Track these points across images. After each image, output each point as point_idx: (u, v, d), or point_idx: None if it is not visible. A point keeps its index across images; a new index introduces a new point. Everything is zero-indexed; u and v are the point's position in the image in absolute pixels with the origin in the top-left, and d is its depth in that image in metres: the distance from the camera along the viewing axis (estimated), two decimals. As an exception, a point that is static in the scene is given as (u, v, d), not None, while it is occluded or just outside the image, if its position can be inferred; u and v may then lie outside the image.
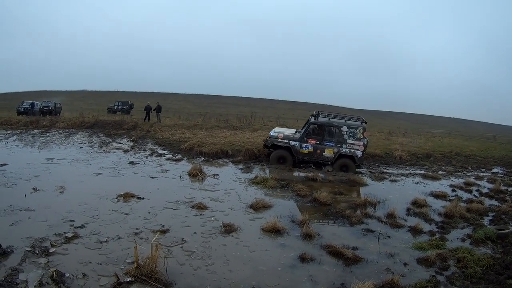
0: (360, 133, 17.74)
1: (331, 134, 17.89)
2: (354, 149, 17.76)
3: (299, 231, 9.93)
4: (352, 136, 17.70)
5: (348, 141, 17.73)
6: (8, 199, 10.98)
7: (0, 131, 26.47)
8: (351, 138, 17.71)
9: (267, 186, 14.20)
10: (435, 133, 43.06)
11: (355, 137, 17.72)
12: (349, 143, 17.74)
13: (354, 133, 17.70)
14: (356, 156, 17.82)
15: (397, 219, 11.37)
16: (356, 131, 17.72)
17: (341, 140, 17.76)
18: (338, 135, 17.80)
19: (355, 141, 17.74)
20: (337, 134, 17.81)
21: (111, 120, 32.98)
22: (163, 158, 18.89)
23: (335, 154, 17.80)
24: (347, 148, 17.76)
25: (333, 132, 17.88)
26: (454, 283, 7.71)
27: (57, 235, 8.75)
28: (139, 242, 8.16)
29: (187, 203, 11.76)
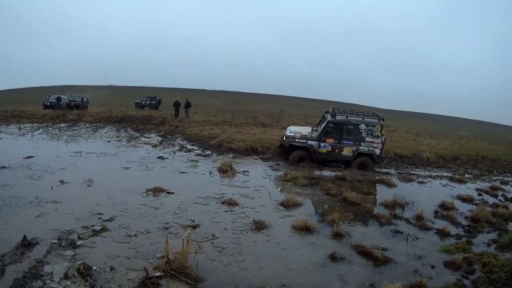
0: (378, 130, 17.56)
1: (349, 132, 17.64)
2: (373, 147, 17.61)
3: (329, 230, 9.89)
4: (370, 134, 17.52)
5: (367, 139, 17.56)
6: (34, 191, 11.08)
7: (26, 124, 26.83)
8: (369, 136, 17.54)
9: (297, 184, 14.14)
10: (462, 135, 42.21)
11: (373, 135, 17.55)
12: (367, 141, 17.57)
13: (372, 130, 17.52)
14: (375, 154, 17.70)
15: (425, 221, 11.32)
16: (374, 129, 17.55)
17: (359, 138, 17.57)
18: (356, 133, 17.58)
19: (373, 138, 17.58)
20: (355, 132, 17.59)
21: (139, 115, 33.22)
22: (192, 154, 18.90)
23: (354, 153, 17.65)
24: (365, 146, 17.59)
25: (351, 130, 17.63)
26: (479, 287, 7.66)
27: (85, 227, 8.76)
28: (169, 237, 8.06)
29: (217, 199, 11.71)
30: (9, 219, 8.96)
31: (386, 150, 21.79)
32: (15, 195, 10.62)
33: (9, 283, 6.27)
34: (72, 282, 6.51)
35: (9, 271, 6.70)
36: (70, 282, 6.49)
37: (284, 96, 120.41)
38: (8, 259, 7.08)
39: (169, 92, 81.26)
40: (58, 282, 6.46)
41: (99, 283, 6.56)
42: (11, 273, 6.60)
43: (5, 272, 6.65)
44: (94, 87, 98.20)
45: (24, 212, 9.52)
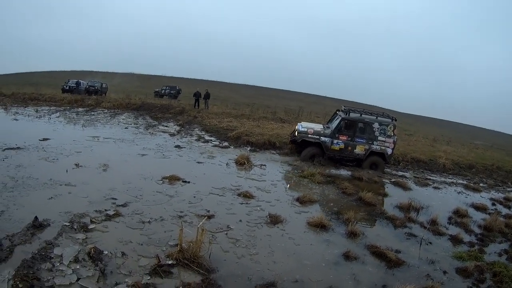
0: (391, 130, 17.38)
1: (363, 130, 17.53)
2: (385, 147, 17.48)
3: (344, 229, 9.86)
4: (383, 133, 17.35)
5: (379, 138, 17.42)
6: (48, 173, 11.06)
7: (43, 107, 26.95)
8: (382, 135, 17.39)
9: (314, 180, 14.07)
10: (478, 144, 41.75)
11: (386, 134, 17.40)
12: (380, 140, 17.43)
13: (385, 130, 17.36)
14: (387, 154, 17.57)
15: (439, 227, 11.30)
16: (387, 128, 17.37)
17: (372, 137, 17.44)
18: (369, 131, 17.46)
19: (386, 138, 17.44)
20: (368, 131, 17.47)
21: (157, 103, 33.24)
22: (210, 144, 18.85)
23: (366, 151, 17.51)
24: (378, 145, 17.45)
25: (365, 129, 17.53)
26: None
27: (98, 212, 8.73)
28: (183, 225, 8.00)
29: (233, 190, 11.65)
30: (22, 200, 8.94)
31: (403, 153, 21.93)
32: (29, 176, 10.61)
33: (17, 263, 6.23)
34: (81, 265, 6.47)
35: (17, 251, 6.68)
36: (79, 266, 6.44)
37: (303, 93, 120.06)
38: (17, 240, 7.06)
39: (188, 82, 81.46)
40: (67, 265, 6.42)
41: (110, 268, 6.51)
42: (19, 254, 6.58)
43: (14, 253, 6.62)
44: (114, 73, 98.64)
45: (37, 194, 9.51)
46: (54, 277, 6.08)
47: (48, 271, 6.22)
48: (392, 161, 19.19)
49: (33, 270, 6.13)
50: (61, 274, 6.18)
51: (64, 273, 6.22)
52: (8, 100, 28.53)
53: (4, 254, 6.50)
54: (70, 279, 6.09)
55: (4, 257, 6.41)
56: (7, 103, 26.95)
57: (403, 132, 40.49)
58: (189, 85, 58.70)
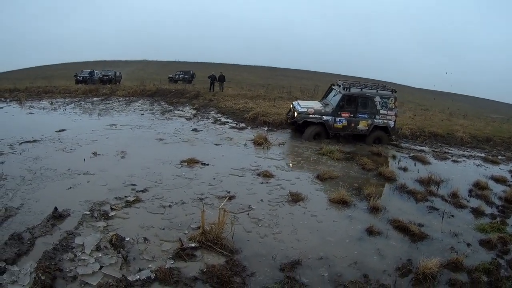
0: (392, 102, 17.16)
1: (365, 105, 17.09)
2: (387, 120, 17.17)
3: (366, 204, 9.80)
4: (385, 106, 17.08)
5: (381, 111, 17.08)
6: (66, 163, 11.10)
7: (58, 99, 26.95)
8: (384, 108, 17.08)
9: (333, 157, 14.00)
10: (494, 118, 40.92)
11: (388, 107, 17.11)
12: (382, 113, 17.09)
13: (386, 103, 17.07)
14: (390, 127, 17.30)
15: (460, 199, 11.26)
16: (388, 101, 17.09)
17: (374, 111, 17.08)
18: (371, 106, 17.07)
19: (387, 111, 17.13)
20: (370, 105, 17.07)
21: (172, 88, 33.05)
22: (226, 126, 18.70)
23: (369, 126, 17.13)
24: (380, 119, 17.11)
25: (366, 103, 17.09)
26: None
27: (118, 199, 8.72)
28: (205, 207, 7.90)
29: (252, 170, 11.57)
30: (40, 192, 9.01)
31: (421, 128, 21.65)
32: (47, 168, 10.66)
33: (39, 255, 6.26)
34: (104, 254, 6.47)
35: (39, 243, 6.72)
36: (102, 254, 6.45)
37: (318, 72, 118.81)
38: (38, 232, 7.09)
39: (202, 66, 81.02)
40: (89, 254, 6.42)
41: (132, 255, 6.49)
42: (41, 246, 6.62)
43: (35, 245, 6.67)
44: (127, 62, 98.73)
45: (56, 184, 9.55)
46: (77, 267, 6.10)
47: (70, 261, 6.24)
48: (396, 134, 18.77)
49: (55, 261, 6.16)
50: (84, 263, 6.20)
51: (86, 262, 6.23)
52: (23, 94, 28.39)
53: (25, 247, 6.52)
54: (93, 268, 6.10)
55: (25, 250, 6.44)
56: (22, 97, 26.92)
57: (419, 107, 40.21)
58: (203, 69, 58.43)
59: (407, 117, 26.25)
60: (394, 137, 18.16)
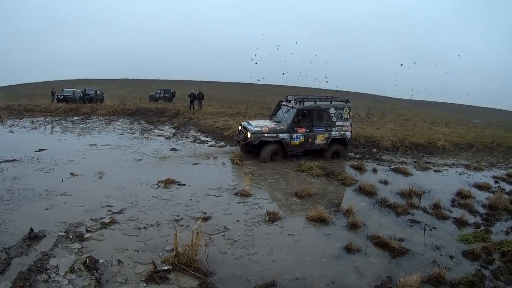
0: (347, 112, 16.93)
1: (320, 118, 16.53)
2: (344, 131, 16.90)
3: (345, 221, 9.69)
4: (340, 118, 16.77)
5: (337, 123, 16.72)
6: (44, 184, 11.03)
7: (39, 118, 26.86)
8: (339, 119, 16.75)
9: (312, 174, 13.93)
10: (476, 123, 41.50)
11: (343, 118, 16.83)
12: (338, 125, 16.74)
13: (341, 113, 16.78)
14: (347, 138, 17.10)
15: (442, 210, 11.16)
16: (343, 111, 16.83)
17: (330, 124, 16.64)
18: (326, 118, 16.59)
19: (343, 122, 16.85)
20: (325, 118, 16.59)
21: (152, 107, 33.12)
22: (205, 145, 18.75)
23: (327, 140, 16.67)
24: (337, 131, 16.75)
25: (321, 116, 16.56)
26: (499, 277, 7.53)
27: (93, 220, 8.64)
28: (180, 230, 7.95)
29: (230, 190, 11.52)
30: (18, 212, 8.92)
31: (402, 139, 21.71)
32: (25, 188, 10.57)
33: (14, 276, 6.18)
34: (77, 275, 6.39)
35: (14, 263, 6.63)
36: (75, 276, 6.36)
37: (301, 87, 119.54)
38: (14, 252, 6.99)
39: (183, 84, 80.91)
40: (63, 276, 6.34)
41: (106, 277, 6.41)
42: (16, 266, 6.53)
43: (11, 265, 6.57)
44: (107, 80, 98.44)
45: (33, 205, 9.47)
46: (50, 288, 6.01)
47: (44, 282, 6.16)
48: (351, 145, 18.66)
49: (29, 282, 6.09)
50: (57, 285, 6.12)
51: (60, 284, 6.15)
52: (4, 112, 28.42)
53: (0, 267, 6.43)
54: (66, 289, 6.02)
55: (0, 270, 6.35)
56: (3, 115, 26.86)
57: (400, 118, 40.47)
58: (184, 87, 58.42)
59: (388, 129, 26.46)
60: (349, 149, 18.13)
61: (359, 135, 21.92)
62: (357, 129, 24.05)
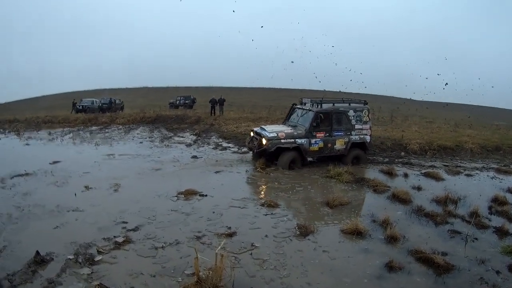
0: (366, 115, 15.91)
1: (339, 122, 15.48)
2: (363, 135, 15.90)
3: (382, 233, 8.68)
4: (359, 120, 15.76)
5: (356, 126, 15.70)
6: (56, 199, 10.19)
7: (57, 129, 26.38)
8: (359, 122, 15.74)
9: (342, 180, 12.99)
10: (499, 125, 40.31)
11: (362, 121, 15.81)
12: (357, 128, 15.72)
13: (360, 116, 15.77)
14: (367, 142, 16.07)
15: (481, 219, 10.08)
16: (362, 114, 15.81)
17: (349, 127, 15.61)
18: (345, 122, 15.56)
19: (362, 125, 15.84)
20: (344, 121, 15.55)
21: (173, 114, 32.76)
22: (228, 152, 17.96)
23: (347, 144, 15.63)
24: (356, 135, 15.74)
25: (341, 120, 15.51)
26: None
27: (106, 239, 7.70)
28: (202, 249, 6.97)
29: (255, 200, 10.55)
30: (26, 232, 8.06)
31: (429, 142, 20.90)
32: (35, 204, 9.76)
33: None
34: (85, 308, 5.47)
35: (18, 293, 5.77)
36: (83, 309, 5.45)
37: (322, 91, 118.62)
38: (18, 279, 6.12)
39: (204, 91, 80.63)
40: (69, 309, 5.44)
41: (117, 310, 5.47)
42: (20, 296, 5.66)
43: (14, 294, 5.71)
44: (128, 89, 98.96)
45: (42, 223, 8.60)
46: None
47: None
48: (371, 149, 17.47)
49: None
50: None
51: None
52: (22, 125, 28.03)
53: (3, 298, 5.61)
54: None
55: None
56: (20, 128, 26.43)
57: (423, 120, 39.50)
58: (204, 94, 57.91)
59: (413, 131, 25.63)
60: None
61: (386, 138, 21.18)
62: (383, 132, 23.40)
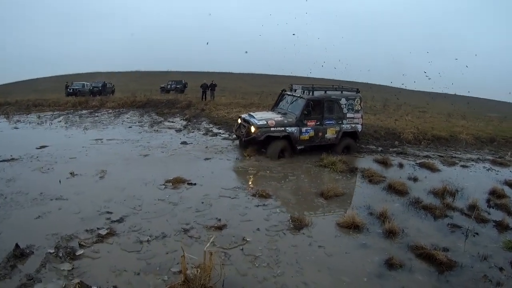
0: (358, 103, 15.43)
1: (331, 110, 14.85)
2: (355, 123, 15.40)
3: (380, 227, 8.29)
4: (351, 109, 15.27)
5: (348, 115, 15.18)
6: (40, 186, 9.71)
7: (47, 113, 25.80)
8: (350, 111, 15.25)
9: (336, 169, 12.59)
10: (492, 116, 40.22)
11: (354, 109, 15.33)
12: (348, 117, 15.21)
13: (352, 105, 15.27)
14: (358, 131, 15.59)
15: (481, 212, 9.79)
16: (354, 102, 15.32)
17: (341, 116, 15.05)
18: (337, 110, 14.98)
19: (354, 114, 15.35)
20: (336, 110, 14.96)
21: (163, 99, 32.33)
22: (218, 138, 17.46)
23: (338, 134, 15.02)
24: (348, 124, 15.20)
25: (332, 108, 14.89)
26: None
27: (89, 231, 7.24)
28: (189, 242, 6.55)
29: (246, 190, 10.09)
30: (7, 222, 7.58)
31: (423, 131, 20.75)
32: (19, 191, 9.26)
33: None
34: (65, 308, 5.05)
35: (-5, 289, 5.35)
36: (63, 308, 5.03)
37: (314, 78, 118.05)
38: (-4, 274, 5.65)
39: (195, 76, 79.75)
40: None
41: (99, 310, 5.04)
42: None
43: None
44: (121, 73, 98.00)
45: (24, 212, 8.11)
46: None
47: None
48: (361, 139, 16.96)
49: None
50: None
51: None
52: (11, 108, 27.42)
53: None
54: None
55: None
56: (10, 111, 25.81)
57: (416, 109, 39.29)
58: (196, 79, 57.19)
59: (406, 121, 25.35)
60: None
61: (379, 127, 20.86)
62: (376, 121, 23.17)
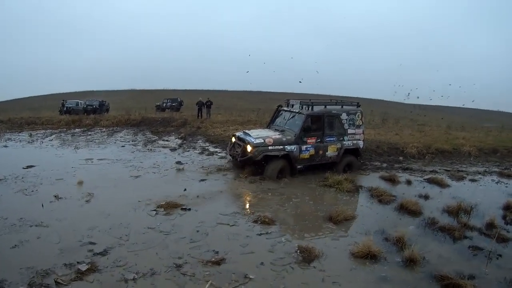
0: (359, 118, 14.51)
1: (331, 126, 13.89)
2: (356, 140, 14.45)
3: (398, 255, 7.29)
4: (352, 124, 14.31)
5: (349, 130, 14.23)
6: (21, 210, 8.86)
7: (39, 131, 25.10)
8: (352, 126, 14.29)
9: (342, 189, 11.64)
10: (489, 127, 39.91)
11: (355, 125, 14.39)
12: (350, 133, 14.25)
13: (353, 120, 14.33)
14: (359, 148, 14.63)
15: (500, 230, 8.90)
16: (355, 117, 14.38)
17: (342, 132, 14.09)
18: (338, 126, 14.02)
19: (355, 129, 14.40)
20: (337, 125, 14.00)
21: (158, 117, 31.92)
22: (215, 157, 16.61)
23: (339, 151, 14.05)
24: (349, 140, 14.23)
25: (333, 123, 13.92)
26: None
27: (67, 266, 6.28)
28: (182, 281, 5.62)
29: (247, 215, 9.10)
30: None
31: (426, 145, 20.08)
32: (-2, 216, 8.36)
33: None
34: None
35: None
36: None
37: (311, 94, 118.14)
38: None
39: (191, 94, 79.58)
40: None
41: None
42: None
43: None
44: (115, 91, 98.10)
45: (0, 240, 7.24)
46: None
47: None
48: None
49: None
50: None
51: None
52: (3, 126, 26.77)
53: None
54: None
55: None
56: (1, 129, 25.10)
57: (415, 123, 38.77)
58: (191, 97, 56.78)
59: (407, 135, 24.81)
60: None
61: (381, 142, 20.16)
62: (377, 136, 22.51)
